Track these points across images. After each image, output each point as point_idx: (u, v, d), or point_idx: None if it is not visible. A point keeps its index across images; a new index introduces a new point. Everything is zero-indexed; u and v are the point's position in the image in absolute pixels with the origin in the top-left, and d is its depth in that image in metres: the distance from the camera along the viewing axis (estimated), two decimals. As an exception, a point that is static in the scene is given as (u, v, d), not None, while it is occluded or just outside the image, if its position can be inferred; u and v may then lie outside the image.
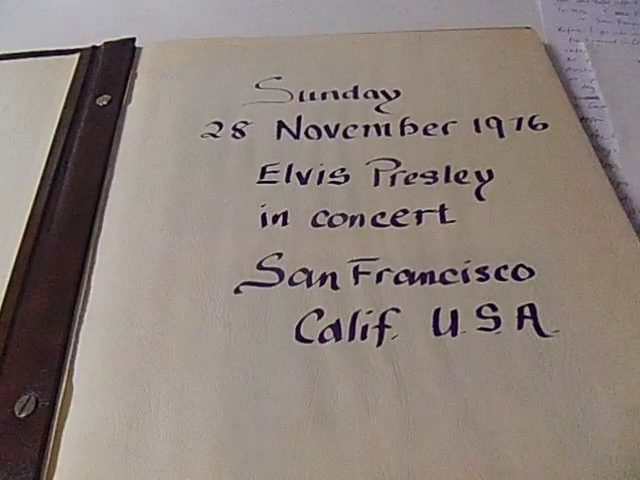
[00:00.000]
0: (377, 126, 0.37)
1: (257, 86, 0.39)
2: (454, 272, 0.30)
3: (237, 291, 0.29)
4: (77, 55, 0.42)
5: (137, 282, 0.30)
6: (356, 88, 0.39)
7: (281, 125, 0.37)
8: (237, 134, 0.36)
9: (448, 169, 0.34)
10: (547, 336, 0.27)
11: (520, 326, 0.28)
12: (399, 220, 0.32)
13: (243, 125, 0.37)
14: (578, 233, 0.31)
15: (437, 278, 0.30)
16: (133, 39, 0.43)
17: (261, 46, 0.42)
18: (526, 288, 0.29)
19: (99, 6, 0.49)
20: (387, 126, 0.37)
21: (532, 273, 0.30)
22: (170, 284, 0.30)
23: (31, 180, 0.34)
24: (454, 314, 0.28)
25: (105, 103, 0.38)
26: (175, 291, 0.29)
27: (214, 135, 0.36)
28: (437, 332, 0.28)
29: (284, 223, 0.32)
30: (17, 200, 0.34)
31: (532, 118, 0.37)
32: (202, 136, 0.36)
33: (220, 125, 0.37)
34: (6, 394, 0.26)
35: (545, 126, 0.36)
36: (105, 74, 0.40)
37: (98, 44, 0.43)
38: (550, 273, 0.30)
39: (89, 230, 0.32)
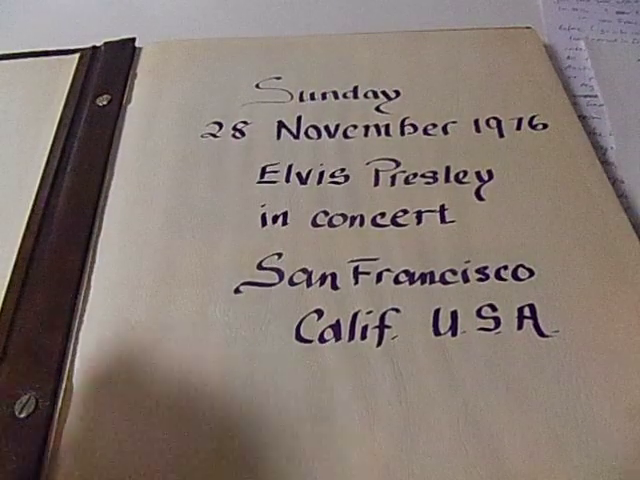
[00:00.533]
0: (377, 126, 0.37)
1: (257, 86, 0.39)
2: (454, 272, 0.30)
3: (237, 291, 0.29)
4: (77, 55, 0.42)
5: (137, 282, 0.30)
6: (356, 88, 0.39)
7: (281, 125, 0.37)
8: (237, 134, 0.36)
9: (448, 169, 0.34)
10: (547, 336, 0.27)
11: (520, 326, 0.28)
12: (399, 220, 0.32)
13: (243, 125, 0.37)
14: (578, 233, 0.31)
15: (437, 278, 0.30)
16: (133, 39, 0.43)
17: (261, 46, 0.42)
18: (526, 288, 0.29)
19: (99, 6, 0.49)
20: (387, 126, 0.37)
21: (532, 273, 0.30)
22: (170, 284, 0.30)
23: (31, 180, 0.34)
24: (454, 314, 0.28)
25: (105, 103, 0.38)
26: (175, 291, 0.29)
27: (214, 135, 0.36)
28: (437, 332, 0.28)
29: (284, 223, 0.32)
30: (17, 200, 0.34)
31: (532, 118, 0.37)
32: (202, 136, 0.36)
33: (220, 125, 0.37)
34: (6, 394, 0.26)
35: (545, 126, 0.36)
36: (105, 74, 0.40)
37: (98, 44, 0.43)
38: (550, 273, 0.30)
39: (89, 230, 0.32)
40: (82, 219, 0.33)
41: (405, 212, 0.32)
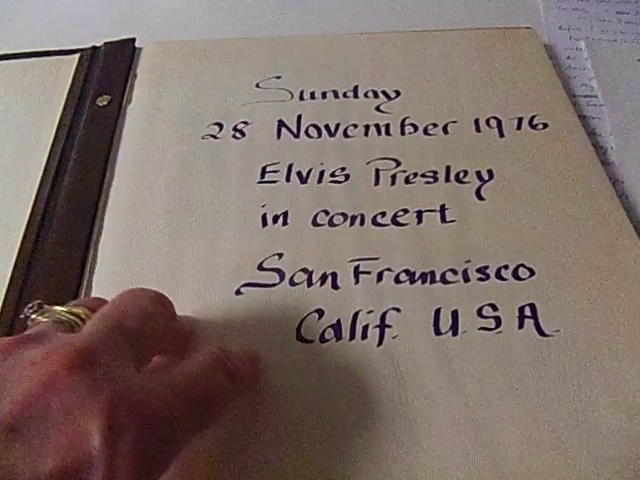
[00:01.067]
0: (377, 126, 0.37)
1: (257, 86, 0.39)
2: (454, 272, 0.30)
3: (238, 292, 0.29)
4: (77, 55, 0.42)
5: (137, 283, 0.29)
6: (356, 88, 0.39)
7: (281, 124, 0.37)
8: (237, 134, 0.36)
9: (448, 169, 0.34)
10: (548, 336, 0.27)
11: (521, 325, 0.28)
12: (399, 220, 0.32)
13: (243, 125, 0.37)
14: (578, 232, 0.31)
15: (438, 278, 0.30)
16: (133, 39, 0.43)
17: (261, 46, 0.42)
18: (527, 288, 0.29)
19: (99, 6, 0.49)
20: (387, 126, 0.37)
21: (532, 273, 0.30)
22: (171, 285, 0.29)
23: (31, 180, 0.34)
24: (455, 314, 0.28)
25: (105, 103, 0.38)
26: (176, 292, 0.29)
27: (214, 136, 0.36)
28: (438, 332, 0.28)
29: (284, 223, 0.32)
30: (17, 200, 0.34)
31: (532, 118, 0.37)
32: (202, 137, 0.36)
33: (220, 126, 0.37)
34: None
35: (545, 126, 0.36)
36: (105, 74, 0.40)
37: (98, 44, 0.43)
38: (550, 273, 0.30)
39: (89, 230, 0.32)
40: (82, 219, 0.33)
41: (405, 211, 0.32)
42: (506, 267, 0.30)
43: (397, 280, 0.30)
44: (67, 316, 0.22)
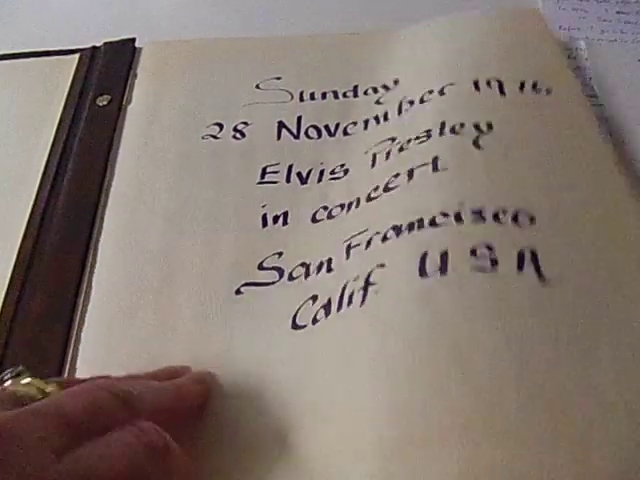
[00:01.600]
0: (376, 117, 0.36)
1: (257, 87, 0.39)
2: (445, 215, 0.27)
3: (238, 292, 0.29)
4: (77, 55, 0.42)
5: (138, 283, 0.30)
6: (356, 87, 0.39)
7: (281, 125, 0.37)
8: (237, 135, 0.36)
9: (443, 124, 0.32)
10: (549, 283, 0.25)
11: (520, 268, 0.25)
12: (390, 185, 0.31)
13: (243, 126, 0.37)
14: (577, 187, 0.30)
15: (426, 223, 0.27)
16: (133, 39, 0.43)
17: (261, 46, 0.42)
18: (527, 233, 0.27)
19: (99, 6, 0.49)
20: (385, 113, 0.36)
21: (532, 220, 0.27)
22: (171, 285, 0.29)
23: (31, 180, 0.35)
24: (444, 256, 0.25)
25: (105, 103, 0.38)
26: (176, 292, 0.29)
27: (214, 136, 0.36)
28: (423, 273, 0.25)
29: (284, 223, 0.32)
30: (17, 200, 0.34)
31: (535, 83, 0.35)
32: (203, 137, 0.36)
33: (221, 126, 0.37)
34: (6, 395, 0.26)
35: (549, 92, 0.35)
36: (105, 74, 0.40)
37: (98, 44, 0.43)
38: (552, 221, 0.27)
39: (89, 230, 0.32)
40: (82, 219, 0.33)
41: (397, 176, 0.31)
42: (504, 211, 0.27)
43: (384, 239, 0.28)
44: (27, 391, 0.20)
